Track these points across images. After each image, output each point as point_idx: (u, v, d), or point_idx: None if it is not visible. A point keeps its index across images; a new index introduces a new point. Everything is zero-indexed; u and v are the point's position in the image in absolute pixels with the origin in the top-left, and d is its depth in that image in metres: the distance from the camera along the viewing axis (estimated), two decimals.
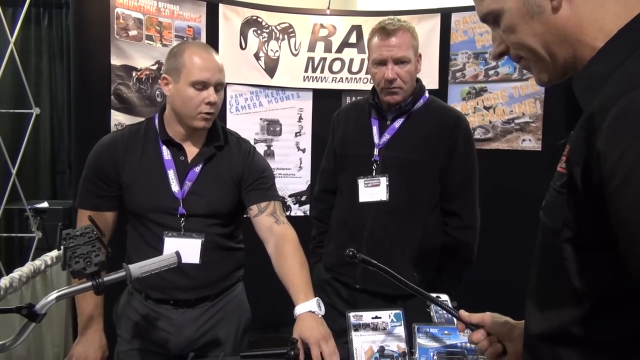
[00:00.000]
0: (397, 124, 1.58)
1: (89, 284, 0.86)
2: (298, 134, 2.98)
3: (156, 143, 1.45)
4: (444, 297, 1.24)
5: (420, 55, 1.59)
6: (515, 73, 2.70)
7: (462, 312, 0.99)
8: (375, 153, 1.59)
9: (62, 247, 0.90)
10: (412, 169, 1.56)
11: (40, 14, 3.02)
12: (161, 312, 1.45)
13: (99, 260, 0.86)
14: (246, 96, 2.87)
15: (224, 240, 1.50)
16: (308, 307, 1.27)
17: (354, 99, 2.86)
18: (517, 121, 2.71)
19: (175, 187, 1.41)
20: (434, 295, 1.22)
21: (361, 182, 1.59)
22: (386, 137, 1.58)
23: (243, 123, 2.87)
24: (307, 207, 3.01)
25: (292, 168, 2.99)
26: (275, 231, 1.45)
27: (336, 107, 3.01)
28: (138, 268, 0.92)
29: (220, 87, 1.42)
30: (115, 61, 2.44)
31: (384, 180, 1.55)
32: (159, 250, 1.39)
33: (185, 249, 1.35)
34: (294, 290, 1.33)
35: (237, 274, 1.57)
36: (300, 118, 2.97)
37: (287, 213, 3.00)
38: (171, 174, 1.42)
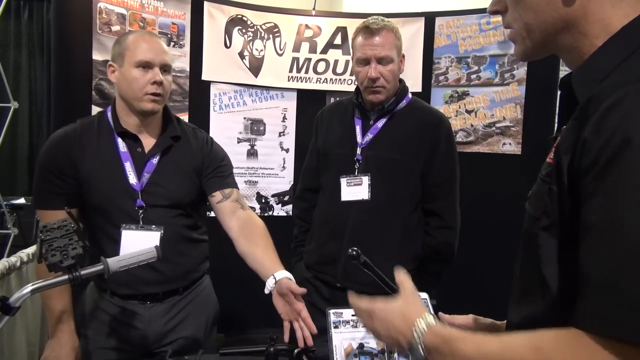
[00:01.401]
0: (380, 123, 1.60)
1: (66, 277, 0.85)
2: (282, 134, 2.98)
3: (111, 136, 1.42)
4: (424, 296, 1.24)
5: (403, 56, 1.60)
6: (496, 78, 2.74)
7: (442, 315, 1.00)
8: (357, 152, 1.60)
9: (38, 239, 0.88)
10: (394, 168, 1.57)
11: (20, 7, 2.96)
12: (129, 309, 1.42)
13: (76, 253, 0.85)
14: (230, 95, 2.85)
15: (188, 231, 1.48)
16: (286, 274, 1.32)
17: (338, 99, 2.88)
18: (497, 125, 2.75)
19: (132, 179, 1.39)
20: None
21: (343, 181, 1.59)
22: (369, 136, 1.59)
23: (226, 122, 2.86)
24: (289, 207, 3.00)
25: (276, 168, 2.99)
26: (241, 216, 1.46)
27: (320, 107, 3.01)
28: (116, 262, 0.91)
29: (167, 68, 1.42)
30: (97, 56, 2.40)
31: (366, 179, 1.56)
32: (117, 243, 1.37)
33: (143, 241, 1.34)
34: (269, 261, 1.36)
35: (203, 266, 1.57)
36: (284, 118, 2.97)
37: (270, 213, 3.00)
38: (128, 166, 1.40)
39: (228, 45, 2.79)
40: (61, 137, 1.41)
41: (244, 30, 2.82)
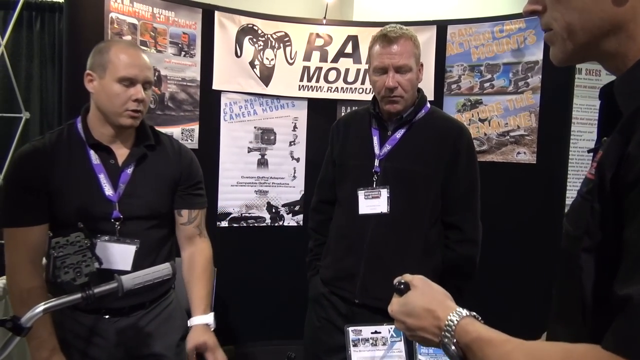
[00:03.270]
0: (399, 134, 1.56)
1: (79, 295, 0.82)
2: (292, 143, 2.95)
3: (82, 148, 1.39)
4: None
5: (422, 65, 1.57)
6: (510, 86, 2.70)
7: None
8: (375, 164, 1.57)
9: (50, 256, 0.86)
10: (413, 180, 1.53)
11: (32, 17, 2.98)
12: (93, 324, 1.38)
13: (89, 270, 0.83)
14: (240, 104, 2.84)
15: (161, 243, 1.48)
16: (204, 320, 1.39)
17: (349, 109, 2.85)
18: (512, 134, 2.71)
19: (108, 190, 1.37)
20: None
21: (361, 194, 1.56)
22: (387, 147, 1.56)
23: (237, 131, 2.84)
24: (300, 216, 2.97)
25: (286, 177, 2.96)
26: (195, 242, 1.54)
27: (331, 116, 3.01)
28: (131, 279, 0.88)
29: (149, 85, 1.40)
30: None
31: (384, 192, 1.52)
32: None
33: (118, 254, 1.33)
34: (195, 302, 1.43)
35: (170, 281, 1.54)
36: (295, 127, 2.95)
37: (280, 223, 2.96)
38: (102, 178, 1.38)
39: (239, 54, 2.78)
40: (29, 151, 1.37)
41: (254, 40, 2.81)
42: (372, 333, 1.14)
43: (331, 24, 2.91)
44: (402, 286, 0.80)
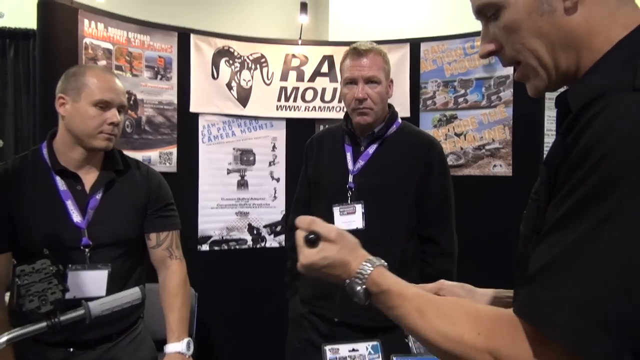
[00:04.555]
0: (371, 149, 1.58)
1: (44, 324, 0.80)
2: (272, 163, 2.95)
3: (48, 174, 1.37)
4: None
5: (391, 81, 1.60)
6: (483, 100, 2.76)
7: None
8: (349, 180, 1.58)
9: (14, 284, 0.84)
10: (387, 195, 1.55)
11: (5, 45, 2.96)
12: (58, 359, 1.33)
13: (55, 298, 0.81)
14: (219, 126, 2.84)
15: (131, 271, 1.46)
16: (177, 348, 1.37)
17: (327, 127, 2.87)
18: (487, 147, 2.75)
19: (76, 217, 1.35)
20: None
21: (336, 210, 1.56)
22: (360, 163, 1.57)
23: (216, 153, 2.83)
24: (282, 237, 2.96)
25: (267, 198, 2.95)
26: (167, 265, 1.52)
27: (310, 135, 3.00)
28: (98, 305, 0.87)
29: (123, 109, 1.42)
30: None
31: (359, 208, 1.53)
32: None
33: (90, 282, 1.30)
34: (168, 328, 1.42)
35: (139, 311, 1.52)
36: (274, 147, 2.95)
37: (262, 244, 2.94)
38: (70, 204, 1.36)
39: (215, 76, 2.79)
40: None
41: (231, 62, 2.83)
42: (349, 351, 1.13)
43: (307, 44, 2.94)
44: (312, 236, 0.80)
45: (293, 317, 1.68)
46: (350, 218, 1.54)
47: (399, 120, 1.65)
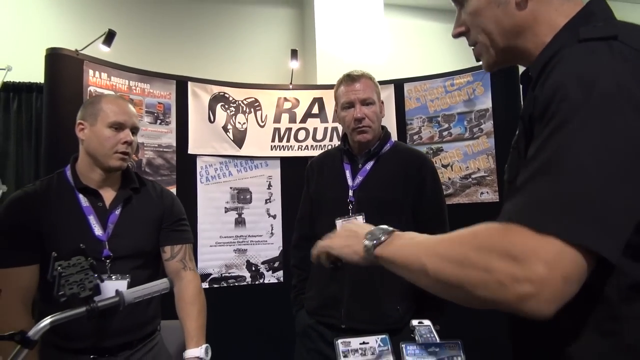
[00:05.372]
0: (368, 166, 1.70)
1: (83, 309, 0.87)
2: (268, 201, 3.05)
3: (72, 193, 1.48)
4: (427, 322, 1.27)
5: (382, 102, 1.75)
6: (466, 133, 2.93)
7: None
8: (350, 194, 1.68)
9: (53, 275, 0.91)
10: (385, 206, 1.64)
11: (10, 98, 3.09)
12: None
13: (92, 285, 0.88)
14: (216, 166, 2.95)
15: (148, 281, 1.49)
16: (196, 353, 1.44)
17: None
18: (473, 176, 2.90)
19: (98, 230, 1.44)
20: (417, 320, 1.27)
21: (339, 223, 1.65)
22: (359, 179, 1.68)
23: (214, 193, 2.93)
24: (280, 273, 3.01)
25: (264, 235, 3.02)
26: (182, 276, 1.59)
27: (303, 173, 3.14)
28: (131, 293, 0.93)
29: (135, 130, 1.54)
30: None
31: (360, 219, 1.62)
32: None
33: (111, 290, 1.33)
34: (187, 335, 1.49)
35: (156, 321, 1.59)
36: (270, 185, 3.06)
37: (261, 280, 2.98)
38: (92, 219, 1.46)
39: (212, 120, 2.94)
40: (21, 195, 1.46)
41: (226, 106, 2.99)
42: (360, 344, 1.19)
43: (297, 88, 3.13)
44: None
45: (301, 330, 1.73)
46: None
47: (392, 140, 1.78)
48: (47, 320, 0.84)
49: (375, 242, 0.82)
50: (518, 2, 0.77)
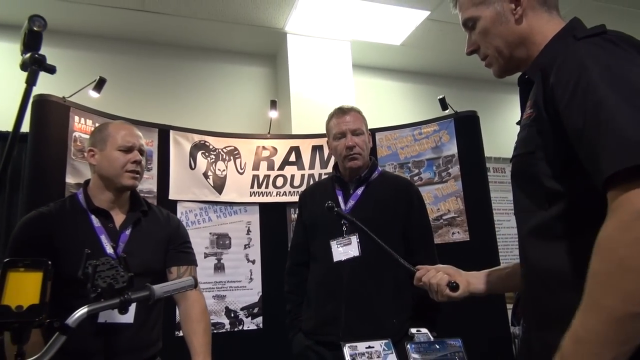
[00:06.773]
0: (359, 191, 1.82)
1: (117, 300, 0.91)
2: (247, 246, 3.08)
3: (84, 214, 1.54)
4: (424, 330, 1.35)
5: (370, 134, 1.91)
6: (435, 177, 3.13)
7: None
8: None
9: (85, 272, 0.95)
10: (377, 227, 1.74)
11: None
12: None
13: (125, 278, 0.93)
14: (196, 212, 2.99)
15: (156, 300, 1.54)
16: None
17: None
18: (444, 217, 3.06)
19: (109, 249, 1.50)
20: (414, 329, 1.35)
21: (333, 244, 1.74)
22: (351, 202, 1.80)
23: (193, 238, 2.85)
24: (260, 319, 2.99)
25: (243, 280, 3.03)
26: (188, 296, 1.61)
27: (282, 218, 3.22)
28: (160, 288, 0.98)
29: (143, 152, 1.63)
30: (70, 179, 2.52)
31: (354, 239, 1.72)
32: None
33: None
34: (193, 352, 1.50)
35: (158, 345, 1.61)
36: (249, 231, 3.11)
37: (240, 327, 2.95)
38: (104, 239, 1.51)
39: (193, 167, 3.02)
40: (35, 215, 1.52)
41: (207, 154, 3.08)
42: (366, 348, 1.24)
43: (275, 137, 3.28)
44: (454, 283, 1.16)
45: (299, 351, 1.74)
46: (347, 249, 1.71)
47: (380, 168, 1.93)
48: (84, 309, 0.87)
49: None
50: (517, 19, 0.97)
